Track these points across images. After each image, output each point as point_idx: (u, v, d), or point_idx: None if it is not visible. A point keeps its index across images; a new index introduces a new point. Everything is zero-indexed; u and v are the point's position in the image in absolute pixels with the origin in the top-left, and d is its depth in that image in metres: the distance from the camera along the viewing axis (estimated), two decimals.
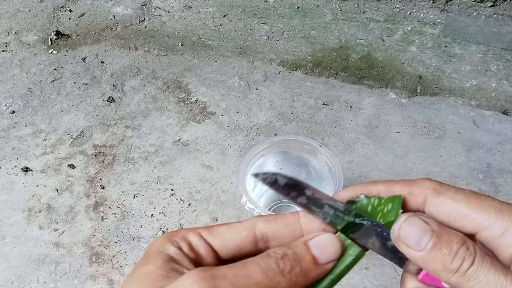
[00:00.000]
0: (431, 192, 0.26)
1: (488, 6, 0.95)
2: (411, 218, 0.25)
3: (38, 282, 0.64)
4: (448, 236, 0.24)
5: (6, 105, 0.86)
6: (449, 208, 0.25)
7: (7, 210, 0.72)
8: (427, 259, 0.24)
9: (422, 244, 0.24)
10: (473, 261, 0.23)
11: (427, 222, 0.25)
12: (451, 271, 0.23)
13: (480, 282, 0.23)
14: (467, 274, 0.23)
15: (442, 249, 0.24)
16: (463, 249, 0.24)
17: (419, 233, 0.24)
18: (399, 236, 0.25)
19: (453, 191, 0.26)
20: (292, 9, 1.01)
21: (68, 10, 1.04)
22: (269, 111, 0.84)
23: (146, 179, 0.75)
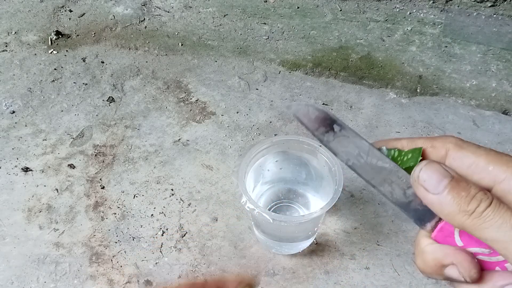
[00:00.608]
0: (453, 146, 0.27)
1: (488, 6, 0.95)
2: (432, 162, 0.26)
3: (38, 282, 0.64)
4: (466, 183, 0.25)
5: (6, 105, 0.86)
6: (469, 161, 0.26)
7: (7, 210, 0.72)
8: (444, 201, 0.25)
9: (440, 187, 0.25)
10: (490, 204, 0.24)
11: (446, 168, 0.26)
12: (467, 212, 0.24)
13: (496, 222, 0.23)
14: (483, 215, 0.24)
15: (460, 192, 0.25)
16: (481, 193, 0.24)
17: (438, 176, 0.25)
18: (419, 178, 0.26)
19: (475, 146, 0.27)
20: (292, 9, 1.01)
21: (68, 10, 1.04)
22: (269, 111, 0.84)
23: (146, 179, 0.75)
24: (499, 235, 0.23)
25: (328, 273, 0.64)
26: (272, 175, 0.65)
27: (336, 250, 0.66)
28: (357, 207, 0.71)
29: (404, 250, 0.66)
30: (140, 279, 0.64)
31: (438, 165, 0.26)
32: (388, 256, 0.65)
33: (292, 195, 0.66)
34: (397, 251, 0.66)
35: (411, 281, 0.63)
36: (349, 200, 0.71)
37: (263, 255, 0.66)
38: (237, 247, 0.67)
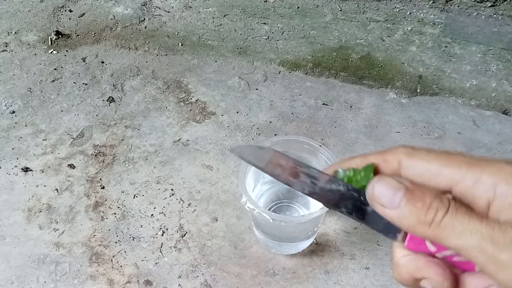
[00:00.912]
0: (404, 155, 0.26)
1: (488, 6, 0.95)
2: (383, 178, 0.26)
3: (38, 282, 0.64)
4: (420, 192, 0.24)
5: (6, 105, 0.86)
6: (422, 168, 0.26)
7: (7, 210, 0.72)
8: (402, 215, 0.24)
9: (396, 201, 0.24)
10: (447, 211, 0.23)
11: (399, 181, 0.25)
12: (426, 223, 0.23)
13: (456, 230, 0.23)
14: (442, 225, 0.23)
15: (415, 203, 0.24)
16: (436, 201, 0.24)
17: (392, 191, 0.25)
18: (373, 196, 0.25)
19: (425, 151, 0.26)
20: (292, 9, 1.01)
21: (68, 10, 1.04)
22: (269, 111, 0.84)
23: (146, 179, 0.75)
24: (461, 242, 0.23)
25: (328, 273, 0.64)
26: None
27: (336, 250, 0.66)
28: None
29: None
30: (140, 279, 0.64)
31: (390, 178, 0.25)
32: (388, 256, 0.65)
33: (292, 195, 0.66)
34: None
35: None
36: None
37: (263, 255, 0.66)
38: (237, 247, 0.67)
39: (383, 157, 0.27)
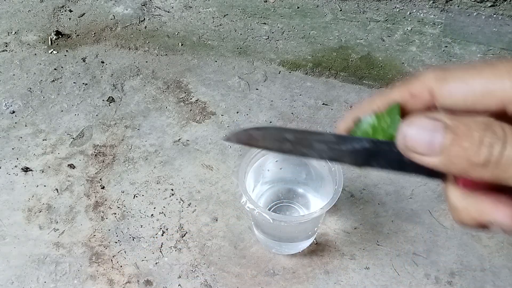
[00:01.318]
0: (434, 83, 0.21)
1: (488, 6, 0.95)
2: (413, 119, 0.20)
3: (38, 282, 0.64)
4: (465, 126, 0.19)
5: (6, 105, 0.86)
6: (463, 91, 0.20)
7: (7, 210, 0.72)
8: (449, 161, 0.19)
9: (436, 146, 0.19)
10: (505, 144, 0.18)
11: (435, 118, 0.20)
12: (481, 165, 0.19)
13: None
14: (502, 163, 0.18)
15: (461, 143, 0.19)
16: (488, 134, 0.19)
17: (428, 133, 0.19)
18: (407, 145, 0.20)
19: (461, 71, 0.21)
20: (292, 9, 1.01)
21: (68, 10, 1.04)
22: (269, 111, 0.84)
23: (146, 179, 0.75)
24: None
25: (328, 273, 0.64)
26: (272, 175, 0.65)
27: (336, 250, 0.66)
28: (357, 207, 0.71)
29: (404, 250, 0.66)
30: (140, 279, 0.64)
31: (422, 118, 0.20)
32: (388, 256, 0.65)
33: (292, 195, 0.66)
34: (397, 251, 0.66)
35: (411, 281, 0.63)
36: (349, 200, 0.71)
37: (263, 255, 0.66)
38: (237, 247, 0.67)
39: (409, 90, 0.22)
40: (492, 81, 0.20)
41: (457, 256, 0.65)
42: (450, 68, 0.21)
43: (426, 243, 0.67)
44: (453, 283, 0.63)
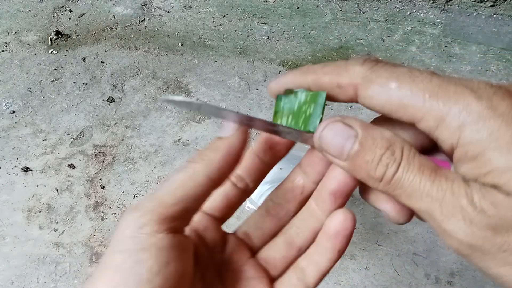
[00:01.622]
0: (361, 81, 0.22)
1: (488, 6, 0.95)
2: (331, 123, 0.22)
3: (38, 282, 0.64)
4: (372, 141, 0.21)
5: (6, 105, 0.86)
6: (381, 99, 0.21)
7: (7, 210, 0.72)
8: (352, 168, 0.22)
9: (345, 152, 0.21)
10: (398, 168, 0.20)
11: (350, 126, 0.22)
12: (376, 179, 0.21)
13: (406, 191, 0.20)
14: (392, 182, 0.21)
15: (365, 157, 0.21)
16: (387, 154, 0.21)
17: (340, 140, 0.21)
18: (321, 146, 0.22)
19: (385, 75, 0.21)
20: (292, 9, 1.01)
21: (68, 10, 1.04)
22: (269, 111, 0.84)
23: (146, 179, 0.75)
24: (411, 204, 0.20)
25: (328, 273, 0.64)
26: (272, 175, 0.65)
27: None
28: (357, 207, 0.71)
29: (404, 250, 0.66)
30: None
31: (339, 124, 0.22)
32: (388, 256, 0.65)
33: None
34: (397, 251, 0.66)
35: (411, 281, 0.63)
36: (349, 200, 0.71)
37: None
38: None
39: (338, 80, 0.23)
40: (407, 98, 0.20)
41: (457, 256, 0.65)
42: (378, 65, 0.22)
43: (426, 243, 0.67)
44: (453, 283, 0.63)
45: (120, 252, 0.20)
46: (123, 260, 0.20)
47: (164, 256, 0.21)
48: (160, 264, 0.20)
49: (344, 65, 0.23)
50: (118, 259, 0.20)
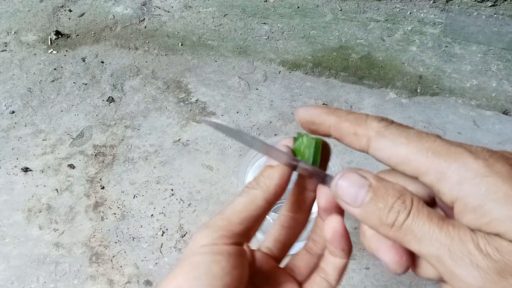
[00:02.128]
0: (374, 134, 0.25)
1: (488, 6, 0.95)
2: (346, 174, 0.25)
3: (38, 282, 0.64)
4: (384, 190, 0.23)
5: (6, 105, 0.86)
6: (389, 152, 0.24)
7: (7, 210, 0.71)
8: (365, 215, 0.24)
9: (358, 200, 0.24)
10: (408, 215, 0.22)
11: (364, 177, 0.24)
12: (387, 225, 0.23)
13: (416, 236, 0.22)
14: (402, 228, 0.22)
15: (377, 204, 0.23)
16: (398, 202, 0.23)
17: (355, 189, 0.24)
18: (337, 193, 0.25)
19: (397, 133, 0.24)
20: (292, 9, 1.01)
21: (68, 10, 1.04)
22: (269, 111, 0.84)
23: (146, 179, 0.75)
24: (421, 249, 0.22)
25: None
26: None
27: None
28: None
29: None
30: (140, 279, 0.64)
31: (354, 174, 0.25)
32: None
33: None
34: None
35: (411, 281, 0.63)
36: None
37: None
38: None
39: (355, 129, 0.25)
40: (412, 155, 0.23)
41: None
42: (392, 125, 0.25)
43: None
44: None
45: (198, 255, 0.25)
46: (201, 260, 0.25)
47: (233, 261, 0.25)
48: (230, 267, 0.25)
49: (365, 118, 0.26)
50: (196, 260, 0.25)
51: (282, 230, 0.32)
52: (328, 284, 0.30)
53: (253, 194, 0.27)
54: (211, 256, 0.25)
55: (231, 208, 0.27)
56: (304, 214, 0.32)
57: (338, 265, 0.29)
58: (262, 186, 0.27)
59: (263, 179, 0.28)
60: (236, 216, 0.26)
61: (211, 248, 0.25)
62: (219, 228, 0.26)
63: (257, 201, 0.27)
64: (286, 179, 0.28)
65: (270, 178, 0.28)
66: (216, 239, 0.25)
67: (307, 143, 0.29)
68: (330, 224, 0.28)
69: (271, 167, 0.28)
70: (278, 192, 0.28)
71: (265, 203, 0.27)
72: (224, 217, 0.26)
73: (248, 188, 0.27)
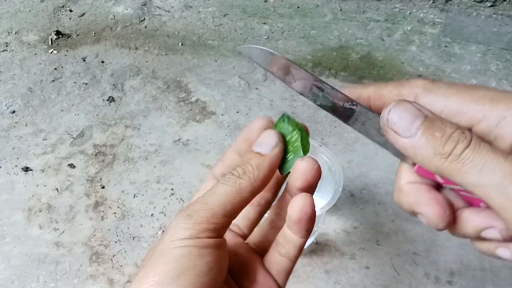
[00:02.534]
0: (421, 90, 0.24)
1: (487, 6, 0.95)
2: (402, 102, 0.23)
3: (38, 281, 0.64)
4: (441, 122, 0.22)
5: (7, 104, 0.86)
6: (441, 105, 0.23)
7: (7, 209, 0.72)
8: (418, 145, 0.22)
9: (412, 129, 0.22)
10: (469, 144, 0.21)
11: (419, 107, 0.23)
12: (443, 155, 0.21)
13: (477, 165, 0.21)
14: (462, 157, 0.21)
15: (434, 133, 0.22)
16: (457, 132, 0.21)
17: (410, 117, 0.22)
18: (389, 120, 0.23)
19: (445, 87, 0.24)
20: (292, 9, 1.01)
21: (69, 10, 1.04)
22: (269, 110, 0.84)
23: (146, 178, 0.75)
24: (480, 179, 0.21)
25: (328, 272, 0.64)
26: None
27: (336, 249, 0.66)
28: (357, 207, 0.71)
29: (404, 250, 0.66)
30: None
31: (409, 104, 0.23)
32: (388, 256, 0.65)
33: None
34: (397, 250, 0.66)
35: (411, 281, 0.63)
36: (349, 200, 0.71)
37: None
38: None
39: (398, 90, 0.25)
40: (467, 104, 0.23)
41: (457, 256, 0.65)
42: (437, 81, 0.24)
43: (426, 242, 0.67)
44: (453, 282, 0.63)
45: (180, 248, 0.23)
46: (183, 255, 0.23)
47: (217, 255, 0.24)
48: (215, 261, 0.24)
49: (405, 80, 0.25)
50: (177, 253, 0.23)
51: (252, 208, 0.30)
52: (289, 262, 0.29)
53: (239, 185, 0.25)
54: (195, 250, 0.23)
55: (215, 198, 0.25)
56: (274, 193, 0.30)
57: (298, 244, 0.28)
58: (250, 177, 0.26)
59: (251, 168, 0.26)
60: (221, 208, 0.25)
61: (194, 241, 0.24)
62: (202, 220, 0.24)
63: (244, 193, 0.25)
64: (274, 170, 0.27)
65: (259, 169, 0.26)
66: (200, 232, 0.24)
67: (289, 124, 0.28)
68: (299, 203, 0.26)
69: (260, 155, 0.26)
70: (265, 185, 0.26)
71: (251, 195, 0.26)
72: (208, 207, 0.25)
73: (234, 176, 0.26)
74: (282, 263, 0.29)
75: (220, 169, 0.30)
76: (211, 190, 0.25)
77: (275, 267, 0.29)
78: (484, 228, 0.24)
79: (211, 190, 0.25)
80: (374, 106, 0.26)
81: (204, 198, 0.25)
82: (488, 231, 0.24)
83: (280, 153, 0.27)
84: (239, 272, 0.28)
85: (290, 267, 0.29)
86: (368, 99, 0.26)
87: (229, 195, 0.25)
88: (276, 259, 0.29)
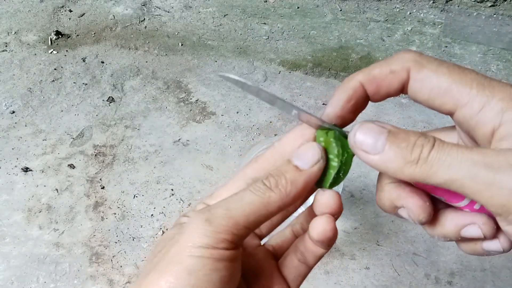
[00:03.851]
0: (413, 65, 0.24)
1: (488, 6, 0.95)
2: (364, 123, 0.24)
3: (38, 282, 0.64)
4: (404, 133, 0.23)
5: (6, 105, 0.86)
6: (432, 83, 0.24)
7: (7, 210, 0.72)
8: (387, 158, 0.23)
9: (379, 145, 0.23)
10: (433, 145, 0.22)
11: (381, 125, 0.24)
12: (412, 162, 0.22)
13: (445, 162, 0.22)
14: (429, 159, 0.22)
15: (400, 144, 0.23)
16: (421, 138, 0.23)
17: (374, 135, 0.23)
18: (355, 143, 0.24)
19: (436, 63, 0.24)
20: (292, 9, 1.01)
21: (68, 10, 1.04)
22: (269, 111, 0.84)
23: (146, 179, 0.75)
24: (451, 174, 0.21)
25: (328, 273, 0.64)
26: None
27: (336, 250, 0.66)
28: (357, 207, 0.71)
29: (404, 250, 0.66)
30: None
31: (371, 123, 0.24)
32: (388, 256, 0.65)
33: None
34: (397, 251, 0.66)
35: (411, 281, 0.63)
36: (349, 200, 0.71)
37: None
38: None
39: (390, 67, 0.25)
40: (455, 85, 0.23)
41: (457, 256, 0.65)
42: (425, 55, 0.25)
43: (426, 243, 0.67)
44: (453, 283, 0.63)
45: (193, 257, 0.22)
46: (197, 265, 0.22)
47: (233, 268, 0.23)
48: (230, 275, 0.23)
49: (392, 56, 0.25)
50: (191, 263, 0.22)
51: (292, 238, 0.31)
52: (307, 269, 0.29)
53: (268, 198, 0.24)
54: (211, 264, 0.22)
55: (239, 206, 0.24)
56: (300, 202, 0.30)
57: (319, 254, 0.28)
58: (281, 192, 0.24)
59: (284, 182, 0.25)
60: (244, 219, 0.24)
61: (210, 252, 0.23)
62: (223, 229, 0.23)
63: (271, 207, 0.24)
64: (309, 188, 0.26)
65: (293, 185, 0.25)
66: (218, 242, 0.23)
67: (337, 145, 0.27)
68: (321, 227, 0.26)
69: (297, 169, 0.25)
70: (295, 201, 0.25)
71: (278, 210, 0.24)
72: (230, 215, 0.23)
73: (265, 187, 0.24)
74: (300, 269, 0.28)
75: (252, 173, 0.28)
76: (237, 196, 0.24)
77: (293, 273, 0.28)
78: (464, 226, 0.25)
79: (237, 196, 0.24)
80: (369, 90, 0.26)
81: (228, 203, 0.24)
82: (468, 229, 0.24)
83: (320, 172, 0.26)
84: (253, 276, 0.28)
85: (306, 273, 0.29)
86: (360, 87, 0.26)
87: (255, 206, 0.24)
88: (294, 265, 0.28)
